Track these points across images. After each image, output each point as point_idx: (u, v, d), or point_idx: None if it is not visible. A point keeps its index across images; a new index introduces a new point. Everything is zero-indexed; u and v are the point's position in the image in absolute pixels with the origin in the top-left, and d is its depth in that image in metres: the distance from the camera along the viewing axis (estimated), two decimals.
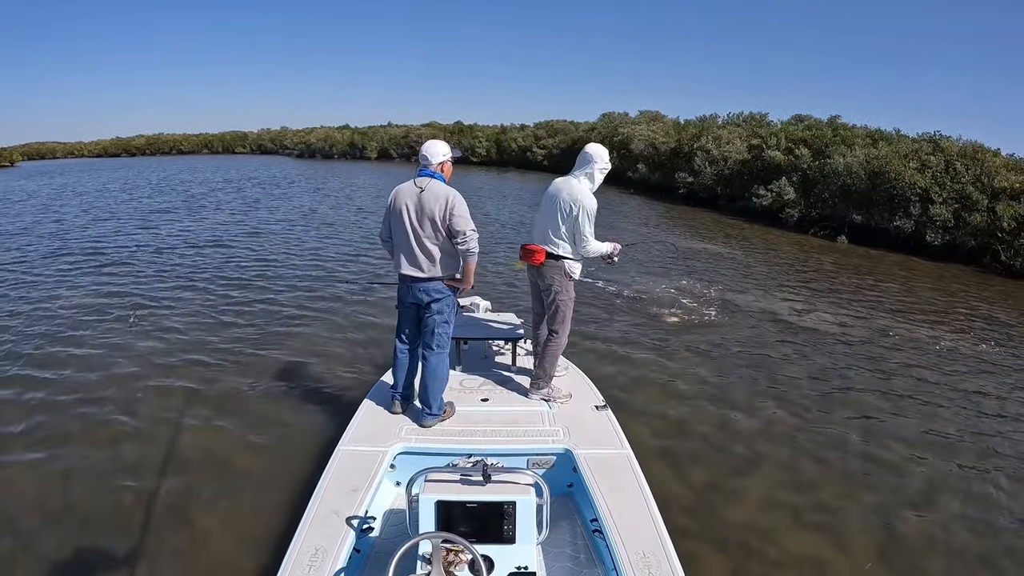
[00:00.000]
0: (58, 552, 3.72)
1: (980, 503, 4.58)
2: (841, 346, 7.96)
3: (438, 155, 3.86)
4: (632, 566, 2.67)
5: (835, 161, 17.62)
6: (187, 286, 10.13)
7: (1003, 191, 14.65)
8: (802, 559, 3.83)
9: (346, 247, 13.85)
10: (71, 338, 7.56)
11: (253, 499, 4.25)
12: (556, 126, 42.32)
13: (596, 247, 4.18)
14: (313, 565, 2.65)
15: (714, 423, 5.62)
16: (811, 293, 10.80)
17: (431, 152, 3.85)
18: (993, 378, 7.17)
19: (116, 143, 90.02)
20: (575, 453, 3.58)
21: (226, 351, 7.06)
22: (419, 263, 3.83)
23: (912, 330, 8.88)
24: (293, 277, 10.84)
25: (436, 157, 3.85)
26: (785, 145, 20.49)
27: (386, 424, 3.94)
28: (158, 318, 8.33)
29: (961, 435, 5.66)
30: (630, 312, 8.94)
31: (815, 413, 5.94)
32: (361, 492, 3.18)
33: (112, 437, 5.14)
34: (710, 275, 11.73)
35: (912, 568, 3.83)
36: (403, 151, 53.99)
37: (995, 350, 8.20)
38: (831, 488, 4.65)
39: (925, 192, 15.32)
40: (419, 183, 3.79)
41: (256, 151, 77.87)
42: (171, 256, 12.72)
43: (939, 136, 17.57)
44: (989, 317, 9.98)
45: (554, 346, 4.35)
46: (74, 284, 10.35)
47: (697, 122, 28.56)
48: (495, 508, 2.72)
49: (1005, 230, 13.83)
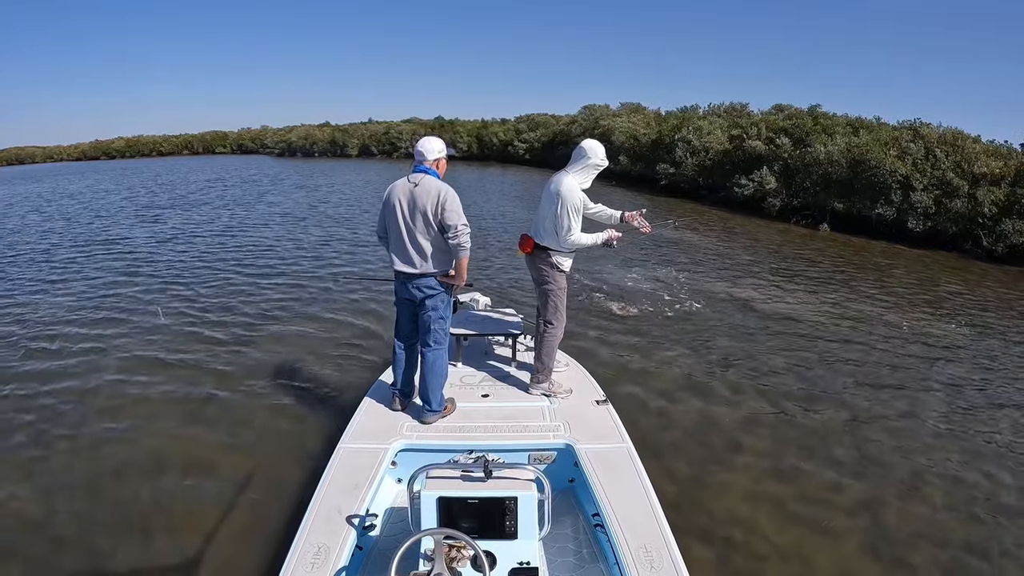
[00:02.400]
0: (58, 553, 3.77)
1: (966, 491, 4.55)
2: (824, 334, 7.88)
3: (433, 151, 3.90)
4: (634, 560, 2.68)
5: (816, 150, 17.54)
6: (183, 286, 10.06)
7: (983, 177, 14.63)
8: (787, 550, 3.83)
9: (342, 244, 13.70)
10: (58, 335, 7.68)
11: (255, 498, 4.27)
12: (537, 119, 42.08)
13: (580, 240, 4.17)
14: (316, 563, 2.66)
15: (695, 415, 5.59)
16: (793, 282, 10.73)
17: (426, 149, 3.89)
18: (976, 364, 7.11)
19: (95, 146, 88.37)
20: (576, 448, 3.59)
21: (225, 351, 7.04)
22: (412, 259, 3.85)
23: (895, 317, 8.82)
24: (289, 275, 10.73)
25: (431, 153, 3.89)
26: (766, 135, 20.39)
27: (386, 421, 3.95)
28: (154, 318, 8.30)
29: (945, 423, 5.62)
30: (608, 304, 8.76)
31: (796, 403, 5.87)
32: (362, 489, 3.19)
33: (111, 439, 5.16)
34: (691, 265, 11.65)
35: (898, 558, 3.82)
36: (384, 148, 53.47)
37: (978, 336, 8.15)
38: (815, 480, 4.62)
39: (906, 179, 15.26)
40: (413, 179, 3.82)
41: (237, 151, 76.91)
42: (163, 256, 12.63)
43: (919, 123, 17.52)
44: (972, 303, 9.93)
45: (550, 337, 4.35)
46: (74, 283, 10.43)
47: (678, 113, 28.44)
48: (497, 504, 2.74)
49: (986, 216, 13.81)
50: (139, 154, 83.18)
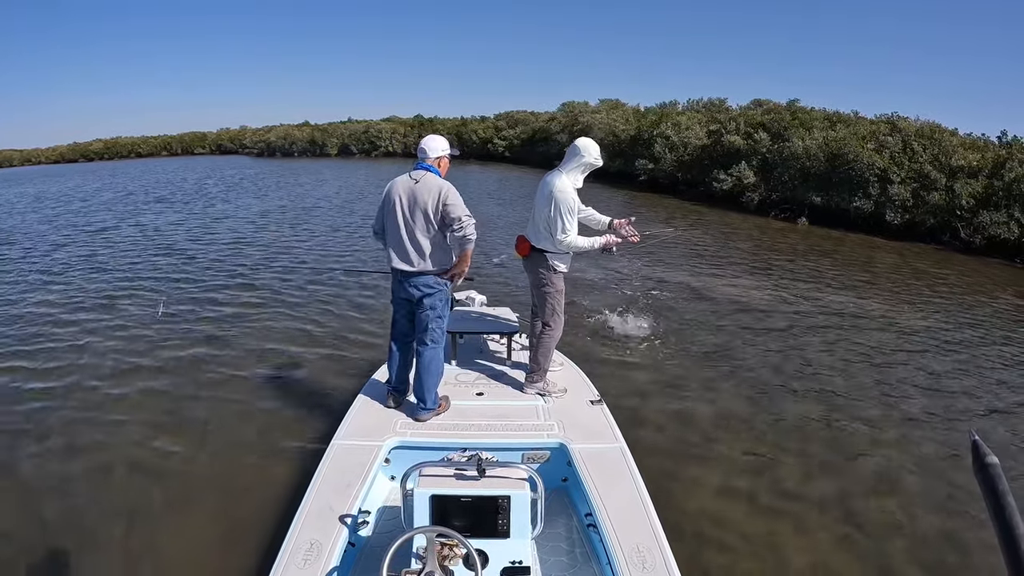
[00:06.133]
0: (53, 552, 3.71)
1: (941, 483, 4.50)
2: (801, 326, 7.82)
3: (436, 150, 3.88)
4: (627, 560, 2.66)
5: (794, 144, 17.44)
6: (177, 282, 9.95)
7: (961, 169, 14.57)
8: (760, 544, 3.80)
9: (336, 242, 13.48)
10: (53, 334, 7.60)
11: (247, 494, 4.22)
12: (516, 117, 41.73)
13: (576, 242, 4.09)
14: (308, 559, 2.64)
15: (672, 411, 5.52)
16: (772, 275, 10.63)
17: (430, 147, 3.87)
18: (952, 356, 7.09)
19: (74, 148, 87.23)
20: (570, 447, 3.56)
21: (219, 347, 6.97)
22: (409, 257, 3.81)
23: (871, 310, 8.74)
24: (282, 272, 10.54)
25: (434, 152, 3.87)
26: (744, 130, 20.29)
27: (381, 418, 3.92)
28: (150, 317, 8.13)
29: (921, 415, 5.57)
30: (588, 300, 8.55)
31: (773, 398, 5.79)
32: (355, 487, 3.16)
33: (104, 433, 5.14)
34: (670, 260, 11.53)
35: (875, 550, 3.78)
36: (364, 147, 52.98)
37: (954, 328, 8.11)
38: (791, 473, 4.58)
39: (884, 172, 15.18)
40: (414, 175, 3.79)
41: (216, 151, 76.15)
42: (156, 254, 12.44)
43: (896, 117, 17.50)
44: (950, 294, 9.87)
45: (547, 339, 4.31)
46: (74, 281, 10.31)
47: (657, 109, 28.36)
48: (489, 502, 2.72)
49: (964, 208, 13.74)
50: (118, 156, 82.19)
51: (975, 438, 0.92)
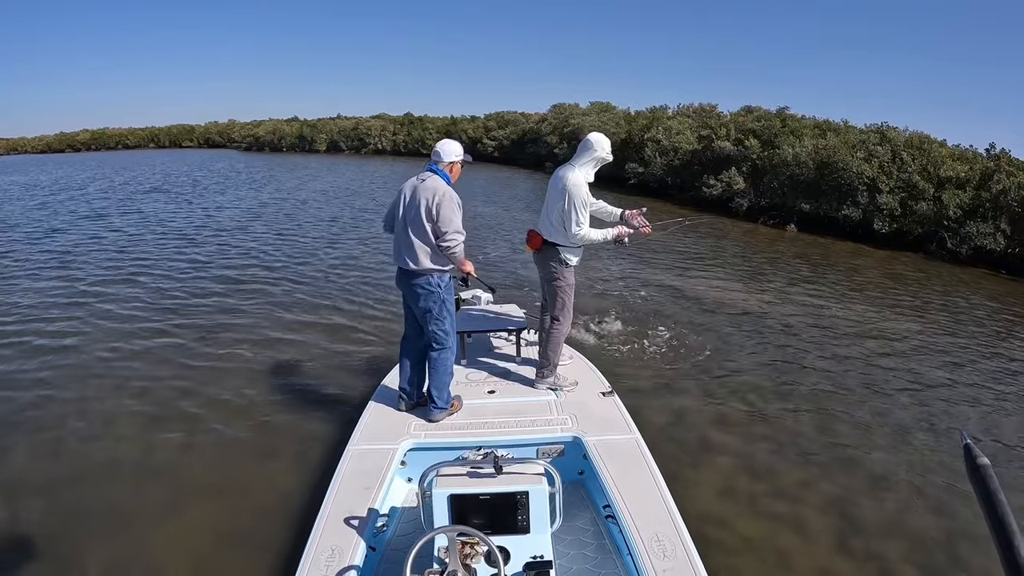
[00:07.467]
0: (69, 553, 3.68)
1: (937, 485, 4.51)
2: (791, 332, 7.78)
3: (450, 154, 3.90)
4: (647, 550, 2.68)
5: (784, 151, 17.41)
6: (179, 288, 9.54)
7: (948, 180, 14.58)
8: (762, 546, 3.79)
9: (341, 248, 12.96)
10: (58, 336, 7.38)
11: (266, 502, 4.19)
12: (506, 117, 41.48)
13: (589, 235, 4.11)
14: (330, 565, 2.65)
15: (667, 413, 5.49)
16: (760, 281, 10.58)
17: (444, 150, 3.89)
18: (942, 360, 7.13)
19: (60, 138, 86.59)
20: (584, 440, 3.59)
21: (229, 355, 6.79)
22: (407, 255, 3.81)
23: (861, 316, 8.72)
24: (292, 277, 10.22)
25: (448, 156, 3.88)
26: (735, 136, 20.22)
27: (394, 421, 3.95)
28: (151, 318, 7.99)
29: (914, 419, 5.59)
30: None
31: (768, 402, 5.78)
32: (373, 490, 3.19)
33: (105, 433, 5.11)
34: (659, 265, 11.45)
35: (872, 552, 3.77)
36: (353, 143, 52.54)
37: (943, 334, 8.15)
38: (788, 476, 4.58)
39: (872, 181, 15.16)
40: (422, 176, 3.83)
41: (204, 145, 75.59)
42: (163, 255, 12.08)
43: (886, 127, 17.51)
44: (937, 302, 9.87)
45: (556, 333, 4.34)
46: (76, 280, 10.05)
47: (647, 113, 28.23)
48: (508, 499, 2.73)
49: (951, 218, 13.74)
50: (104, 147, 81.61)
51: (967, 441, 0.95)
